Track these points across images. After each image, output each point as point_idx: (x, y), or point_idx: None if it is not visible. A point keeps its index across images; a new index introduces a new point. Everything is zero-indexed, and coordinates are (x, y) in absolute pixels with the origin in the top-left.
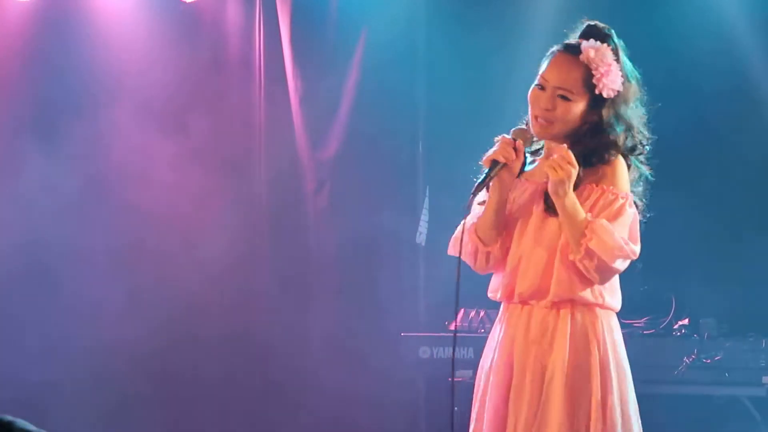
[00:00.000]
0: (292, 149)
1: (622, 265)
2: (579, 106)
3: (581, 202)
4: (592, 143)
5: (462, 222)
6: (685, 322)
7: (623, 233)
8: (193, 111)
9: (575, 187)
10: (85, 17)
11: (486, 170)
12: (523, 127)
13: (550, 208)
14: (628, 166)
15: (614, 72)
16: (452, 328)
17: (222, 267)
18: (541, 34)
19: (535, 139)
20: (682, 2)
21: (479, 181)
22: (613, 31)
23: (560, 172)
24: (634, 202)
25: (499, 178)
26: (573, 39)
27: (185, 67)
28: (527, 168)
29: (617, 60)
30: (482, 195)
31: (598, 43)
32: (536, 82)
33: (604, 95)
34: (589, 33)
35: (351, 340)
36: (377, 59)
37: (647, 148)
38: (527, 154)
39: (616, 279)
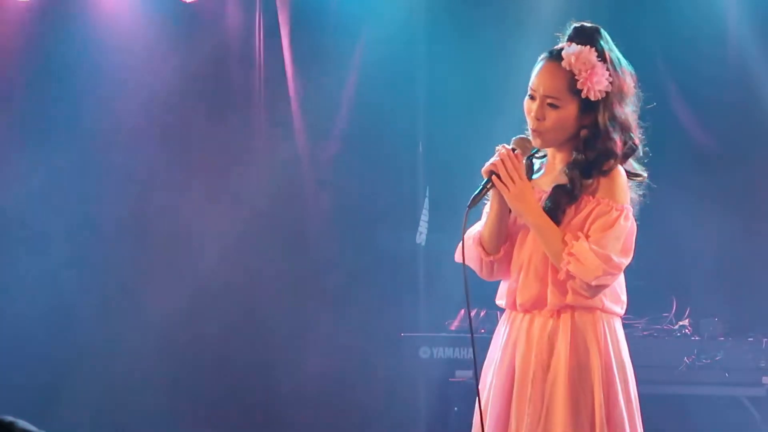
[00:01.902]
0: (293, 149)
1: (607, 280)
2: (569, 112)
3: (577, 213)
4: (592, 154)
5: (466, 230)
6: (685, 322)
7: (614, 246)
8: (193, 111)
9: (574, 200)
10: (84, 17)
11: (484, 181)
12: (524, 135)
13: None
14: (627, 173)
15: (598, 73)
16: (451, 328)
17: (221, 267)
18: (542, 35)
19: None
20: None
21: (476, 192)
22: (600, 31)
23: (512, 187)
24: (634, 206)
25: (499, 190)
26: (562, 43)
27: (185, 68)
28: (535, 176)
29: (603, 60)
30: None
31: (579, 46)
32: (528, 93)
33: (591, 98)
34: (575, 35)
35: (351, 340)
36: (377, 59)
37: (639, 151)
38: (534, 162)
39: (620, 286)
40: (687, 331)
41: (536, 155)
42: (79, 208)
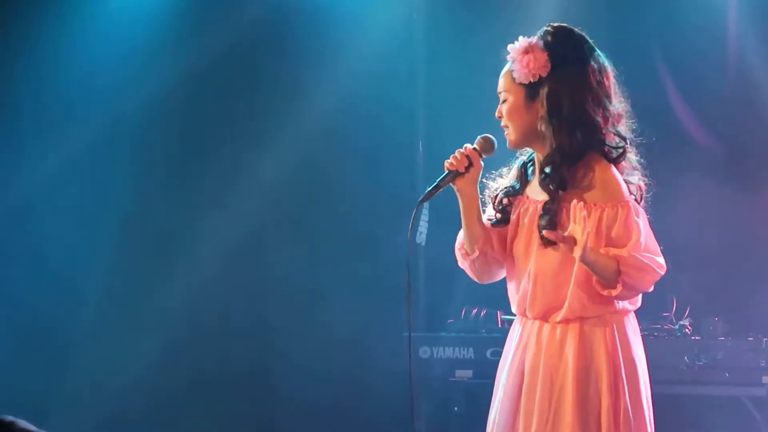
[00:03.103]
0: (294, 149)
1: (654, 284)
2: (516, 102)
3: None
4: (556, 151)
5: (415, 225)
6: (685, 322)
7: (645, 246)
8: (195, 111)
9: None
10: (86, 11)
11: (441, 175)
12: (487, 135)
13: (545, 240)
14: (610, 158)
15: (529, 57)
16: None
17: (222, 267)
18: None
19: (517, 150)
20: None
21: (430, 187)
22: (562, 29)
23: (579, 241)
24: (636, 187)
25: (456, 187)
26: None
27: (186, 68)
28: (531, 178)
29: (547, 50)
30: (489, 210)
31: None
32: None
33: (523, 81)
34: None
35: (351, 340)
36: (377, 58)
37: (621, 144)
38: (530, 166)
39: None
40: (687, 331)
41: (532, 161)
42: (81, 205)
